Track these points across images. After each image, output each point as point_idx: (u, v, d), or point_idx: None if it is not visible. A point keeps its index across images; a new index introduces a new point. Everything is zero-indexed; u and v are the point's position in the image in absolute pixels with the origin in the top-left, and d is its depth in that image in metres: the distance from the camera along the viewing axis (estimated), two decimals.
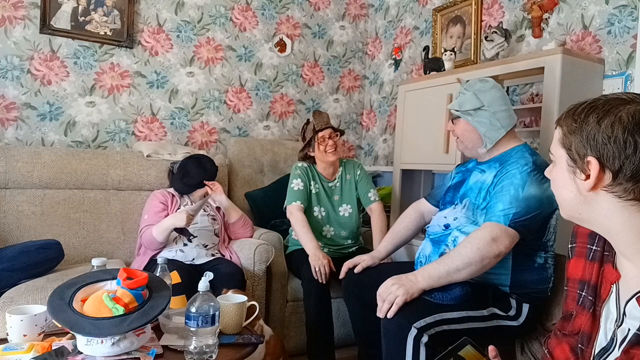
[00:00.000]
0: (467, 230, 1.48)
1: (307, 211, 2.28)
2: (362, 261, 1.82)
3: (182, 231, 2.04)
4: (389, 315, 1.37)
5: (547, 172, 0.87)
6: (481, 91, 1.58)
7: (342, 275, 1.87)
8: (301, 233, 2.16)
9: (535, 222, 1.41)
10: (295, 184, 2.28)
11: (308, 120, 2.40)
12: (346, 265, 1.86)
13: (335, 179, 2.39)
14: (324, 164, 2.34)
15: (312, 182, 2.33)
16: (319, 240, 2.20)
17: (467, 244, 1.39)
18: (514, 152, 1.54)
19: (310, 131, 2.31)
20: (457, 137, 1.66)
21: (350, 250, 2.34)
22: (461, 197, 1.61)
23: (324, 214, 2.32)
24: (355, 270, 1.81)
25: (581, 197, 0.78)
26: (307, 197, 2.29)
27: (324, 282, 2.00)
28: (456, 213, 1.57)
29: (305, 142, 2.34)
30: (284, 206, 2.29)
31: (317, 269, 1.99)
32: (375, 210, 2.34)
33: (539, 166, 1.45)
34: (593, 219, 0.79)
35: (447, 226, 1.56)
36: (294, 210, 2.22)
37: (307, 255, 2.07)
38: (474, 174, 1.62)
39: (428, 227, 1.68)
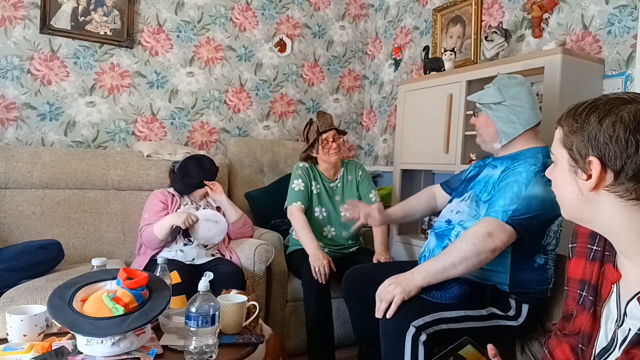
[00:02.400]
0: (469, 225, 1.48)
1: (308, 211, 2.28)
2: (373, 213, 1.85)
3: (175, 232, 2.05)
4: (388, 316, 1.37)
5: (548, 173, 0.87)
6: (506, 86, 1.57)
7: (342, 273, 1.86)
8: (301, 233, 2.16)
9: (535, 222, 1.40)
10: (296, 184, 2.29)
11: (311, 120, 2.39)
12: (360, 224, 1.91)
13: (336, 179, 2.39)
14: (326, 164, 2.34)
15: (313, 183, 2.33)
16: (319, 241, 2.20)
17: (463, 238, 1.40)
18: (529, 151, 1.51)
19: (313, 132, 2.31)
20: (477, 131, 1.68)
21: (351, 250, 2.34)
22: (469, 189, 1.61)
23: (325, 214, 2.32)
24: (369, 222, 1.86)
25: (582, 197, 0.78)
26: (308, 198, 2.29)
27: (324, 283, 2.00)
28: (460, 206, 1.57)
29: (308, 144, 2.34)
30: (285, 206, 2.30)
31: (317, 269, 1.99)
32: None
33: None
34: (594, 219, 0.79)
35: (449, 221, 1.57)
36: (294, 211, 2.23)
37: (308, 255, 2.07)
38: (487, 168, 1.62)
39: (435, 221, 1.68)
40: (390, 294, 1.37)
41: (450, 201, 1.69)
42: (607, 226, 0.78)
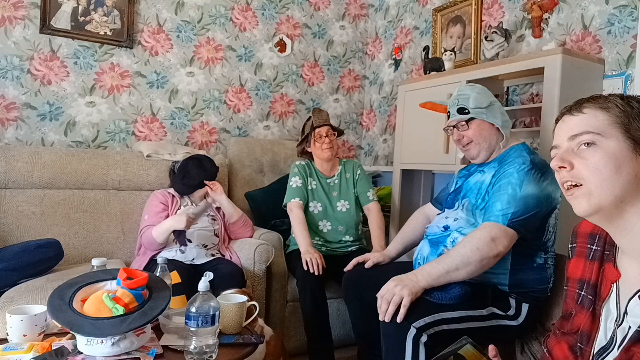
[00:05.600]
0: (467, 232, 1.47)
1: (304, 207, 2.31)
2: (372, 257, 1.82)
3: (179, 235, 2.04)
4: (399, 320, 1.32)
5: (577, 154, 0.80)
6: (481, 92, 1.59)
7: (349, 267, 1.86)
8: (297, 230, 2.20)
9: (534, 221, 1.41)
10: (294, 181, 2.32)
11: (310, 117, 2.43)
12: (356, 260, 1.86)
13: (333, 175, 2.41)
14: (320, 160, 2.38)
15: (309, 179, 2.37)
16: (315, 236, 2.25)
17: (466, 243, 1.39)
18: (513, 151, 1.53)
19: (309, 127, 2.36)
20: (470, 142, 1.58)
21: (350, 249, 2.33)
22: (461, 199, 1.61)
23: (320, 209, 2.34)
24: (366, 266, 1.80)
25: (637, 180, 0.76)
26: (306, 194, 2.32)
27: (319, 274, 2.00)
28: (456, 214, 1.56)
29: (302, 137, 2.39)
30: (284, 203, 2.31)
31: (308, 260, 2.01)
32: (372, 210, 2.37)
33: (537, 165, 1.45)
34: (626, 210, 0.77)
35: (446, 227, 1.56)
36: (293, 207, 2.26)
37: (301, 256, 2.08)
38: (475, 175, 1.62)
39: (427, 227, 1.67)
40: (397, 296, 1.34)
41: (442, 212, 1.69)
42: (633, 220, 0.76)
